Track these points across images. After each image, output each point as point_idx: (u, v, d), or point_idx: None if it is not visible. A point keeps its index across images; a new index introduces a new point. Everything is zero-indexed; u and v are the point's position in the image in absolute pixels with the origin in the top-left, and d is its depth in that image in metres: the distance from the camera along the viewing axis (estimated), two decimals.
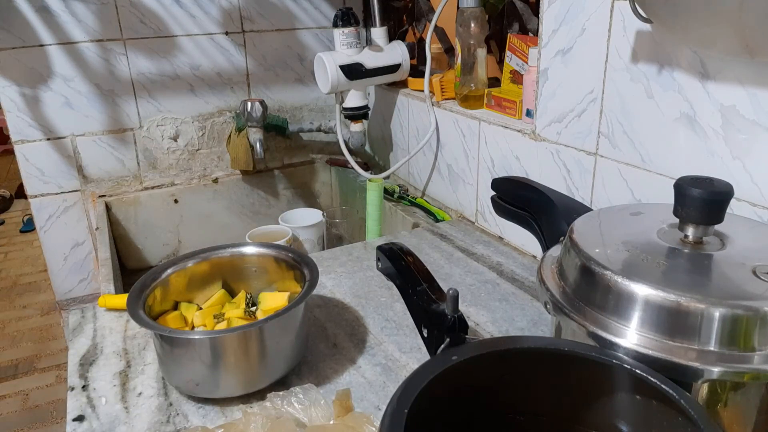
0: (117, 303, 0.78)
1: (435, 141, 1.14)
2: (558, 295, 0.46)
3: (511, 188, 0.67)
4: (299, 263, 0.68)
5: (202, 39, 1.33)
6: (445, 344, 0.43)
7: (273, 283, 0.72)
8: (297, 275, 0.68)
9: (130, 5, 1.24)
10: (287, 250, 0.71)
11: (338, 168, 1.48)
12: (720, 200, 0.44)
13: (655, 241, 0.46)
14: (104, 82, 1.26)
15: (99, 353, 0.70)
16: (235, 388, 0.60)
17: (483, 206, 1.03)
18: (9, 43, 1.16)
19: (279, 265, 0.71)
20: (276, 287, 0.72)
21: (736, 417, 0.41)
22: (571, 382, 0.41)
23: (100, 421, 0.58)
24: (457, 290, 0.45)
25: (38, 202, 1.27)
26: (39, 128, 1.23)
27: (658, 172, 0.69)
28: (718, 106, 0.60)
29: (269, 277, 0.72)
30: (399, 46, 1.20)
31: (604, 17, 0.71)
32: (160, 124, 1.34)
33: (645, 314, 0.41)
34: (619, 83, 0.71)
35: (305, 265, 0.67)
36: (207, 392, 0.60)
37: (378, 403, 0.60)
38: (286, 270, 0.70)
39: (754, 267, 0.42)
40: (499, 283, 0.83)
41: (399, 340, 0.70)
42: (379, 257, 0.60)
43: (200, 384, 0.59)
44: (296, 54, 1.44)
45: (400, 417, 0.33)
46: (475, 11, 1.00)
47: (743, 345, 0.38)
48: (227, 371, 0.59)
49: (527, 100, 0.91)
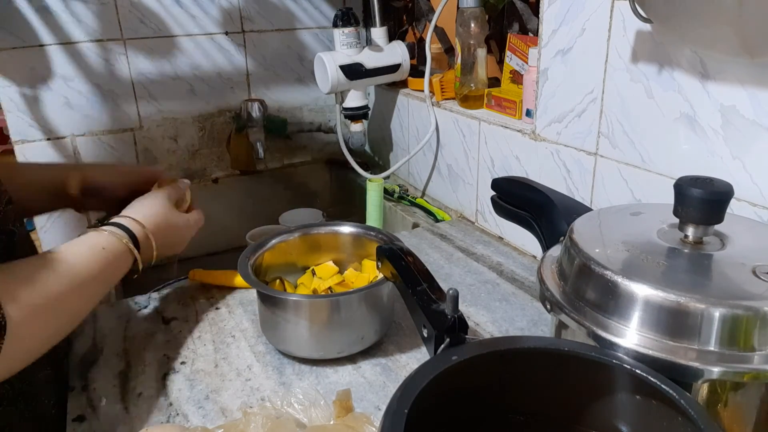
0: (206, 277, 0.84)
1: (435, 141, 1.14)
2: (558, 295, 0.46)
3: (511, 188, 0.67)
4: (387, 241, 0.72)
5: (202, 39, 1.33)
6: (445, 344, 0.43)
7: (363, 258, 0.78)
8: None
9: (130, 5, 1.24)
10: (377, 231, 0.76)
11: (338, 168, 1.48)
12: (720, 200, 0.44)
13: (655, 241, 0.46)
14: (104, 82, 1.26)
15: (99, 353, 0.70)
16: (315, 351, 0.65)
17: (483, 206, 1.03)
18: (9, 43, 1.16)
19: (370, 242, 0.76)
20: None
21: (736, 417, 0.41)
22: (571, 382, 0.41)
23: (100, 421, 0.58)
24: (457, 290, 0.45)
25: None
26: (39, 128, 1.23)
27: (658, 172, 0.69)
28: (718, 106, 0.60)
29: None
30: (399, 46, 1.20)
31: (604, 17, 0.71)
32: (160, 124, 1.34)
33: (645, 314, 0.41)
34: (619, 83, 0.71)
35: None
36: (296, 350, 0.66)
37: (378, 403, 0.60)
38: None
39: (754, 267, 0.42)
40: (499, 283, 0.83)
41: (399, 340, 0.70)
42: (379, 257, 0.60)
43: (292, 341, 0.66)
44: (296, 54, 1.44)
45: (400, 417, 0.33)
46: (475, 11, 1.00)
47: (743, 345, 0.38)
48: (311, 333, 0.65)
49: (527, 100, 0.91)
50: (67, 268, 0.55)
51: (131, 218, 0.65)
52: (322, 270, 0.76)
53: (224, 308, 0.79)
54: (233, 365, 0.67)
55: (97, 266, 0.58)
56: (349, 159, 1.25)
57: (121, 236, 0.62)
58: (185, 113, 1.36)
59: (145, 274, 0.67)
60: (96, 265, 0.58)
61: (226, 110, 1.40)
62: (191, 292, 0.83)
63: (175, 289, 0.85)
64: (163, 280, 1.07)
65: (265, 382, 0.64)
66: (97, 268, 0.58)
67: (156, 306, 0.80)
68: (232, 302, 0.80)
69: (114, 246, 0.61)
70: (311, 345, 0.65)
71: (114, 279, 0.61)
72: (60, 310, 0.54)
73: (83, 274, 0.56)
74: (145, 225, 0.65)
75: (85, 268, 0.56)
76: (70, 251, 0.57)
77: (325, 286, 0.74)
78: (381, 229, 0.77)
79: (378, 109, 1.38)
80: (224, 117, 1.41)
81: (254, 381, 0.64)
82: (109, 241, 0.61)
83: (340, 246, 0.78)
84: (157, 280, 1.07)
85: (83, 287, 0.56)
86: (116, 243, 0.61)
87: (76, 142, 1.26)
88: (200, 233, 0.77)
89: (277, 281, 0.75)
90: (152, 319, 0.76)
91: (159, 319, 0.77)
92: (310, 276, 0.77)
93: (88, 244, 0.59)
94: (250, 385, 0.63)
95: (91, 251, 0.58)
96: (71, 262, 0.56)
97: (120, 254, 0.61)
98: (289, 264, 0.77)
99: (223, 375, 0.65)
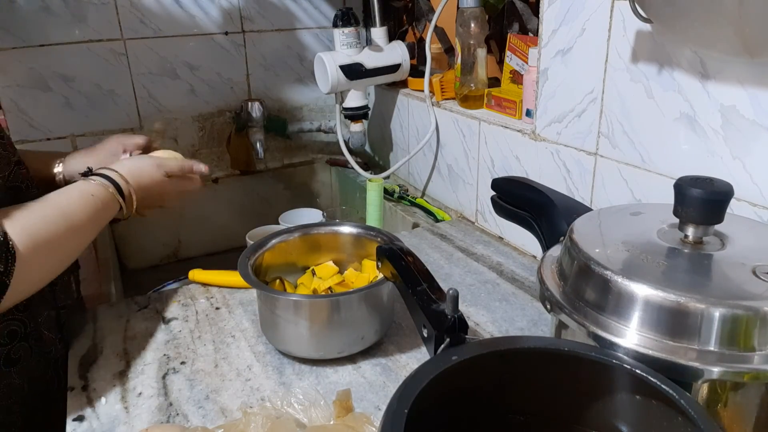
0: (205, 277, 0.85)
1: (435, 141, 1.14)
2: (558, 295, 0.46)
3: (511, 188, 0.67)
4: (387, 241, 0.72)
5: (202, 39, 1.33)
6: (445, 344, 0.43)
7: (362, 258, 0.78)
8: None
9: (130, 5, 1.24)
10: (377, 231, 0.77)
11: (338, 168, 1.48)
12: (720, 200, 0.44)
13: (655, 241, 0.46)
14: (104, 82, 1.26)
15: (99, 353, 0.70)
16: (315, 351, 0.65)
17: (483, 206, 1.03)
18: (9, 43, 1.16)
19: (370, 242, 0.76)
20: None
21: (736, 417, 0.41)
22: (571, 382, 0.41)
23: (100, 421, 0.58)
24: (457, 290, 0.45)
25: None
26: (39, 128, 1.23)
27: (658, 172, 0.69)
28: (718, 106, 0.60)
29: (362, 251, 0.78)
30: (399, 46, 1.20)
31: (604, 17, 0.71)
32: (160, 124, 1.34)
33: (645, 314, 0.41)
34: (619, 83, 0.71)
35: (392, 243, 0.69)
36: (296, 350, 0.67)
37: (378, 403, 0.60)
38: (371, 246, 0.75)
39: (754, 267, 0.42)
40: (499, 283, 0.83)
41: (399, 340, 0.70)
42: (379, 257, 0.60)
43: (292, 341, 0.66)
44: (296, 54, 1.44)
45: (400, 417, 0.33)
46: (475, 11, 1.00)
47: (743, 345, 0.38)
48: (312, 333, 0.65)
49: (527, 100, 0.91)
50: (63, 210, 0.63)
51: (116, 171, 0.72)
52: (322, 270, 0.76)
53: (224, 308, 0.79)
54: (233, 365, 0.67)
55: (87, 210, 0.66)
56: (349, 159, 1.25)
57: (107, 186, 0.70)
58: (185, 113, 1.36)
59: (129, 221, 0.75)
60: (87, 209, 0.66)
61: (226, 110, 1.40)
62: (191, 292, 0.83)
63: (175, 289, 0.85)
64: (163, 280, 1.07)
65: (265, 382, 0.64)
66: (88, 213, 0.66)
67: (156, 306, 0.80)
68: (232, 302, 0.80)
69: (101, 194, 0.68)
70: (311, 345, 0.65)
71: (102, 223, 0.69)
72: (58, 247, 0.62)
73: (76, 216, 0.64)
74: (129, 180, 0.72)
75: (77, 211, 0.64)
76: (64, 197, 0.65)
77: (325, 286, 0.74)
78: (381, 229, 0.77)
79: (378, 109, 1.38)
80: (224, 117, 1.41)
81: (254, 381, 0.64)
82: (97, 189, 0.68)
83: (340, 246, 0.78)
84: (157, 280, 1.08)
85: (77, 228, 0.64)
86: (103, 191, 0.69)
87: (76, 142, 1.26)
88: (200, 233, 0.78)
89: (277, 281, 0.75)
90: (152, 319, 0.76)
91: (159, 319, 0.77)
92: (310, 276, 0.77)
93: (79, 191, 0.67)
94: (250, 385, 0.63)
95: (82, 197, 0.66)
96: (65, 206, 0.64)
97: (108, 201, 0.69)
98: (289, 264, 0.77)
99: (223, 375, 0.65)
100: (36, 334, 0.67)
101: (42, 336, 0.68)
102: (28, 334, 0.66)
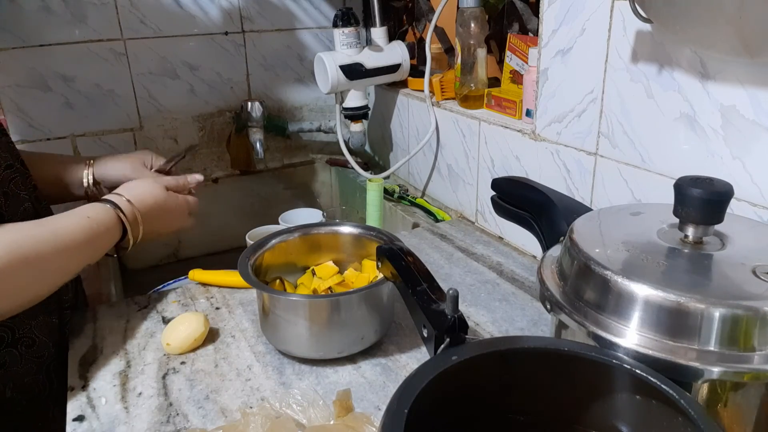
0: (205, 277, 0.85)
1: (435, 141, 1.14)
2: (558, 295, 0.46)
3: (511, 188, 0.67)
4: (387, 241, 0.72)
5: (202, 39, 1.33)
6: (445, 344, 0.43)
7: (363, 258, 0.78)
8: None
9: (130, 5, 1.24)
10: (377, 231, 0.76)
11: (338, 168, 1.48)
12: (720, 200, 0.44)
13: (655, 241, 0.46)
14: (104, 82, 1.26)
15: (99, 353, 0.70)
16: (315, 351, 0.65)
17: (483, 206, 1.03)
18: (9, 43, 1.16)
19: (370, 242, 0.76)
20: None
21: (736, 417, 0.41)
22: (571, 382, 0.41)
23: (100, 421, 0.58)
24: (457, 290, 0.45)
25: None
26: (39, 128, 1.23)
27: (658, 172, 0.69)
28: (718, 106, 0.60)
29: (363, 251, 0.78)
30: (399, 46, 1.20)
31: (604, 17, 0.71)
32: (160, 124, 1.34)
33: (645, 314, 0.41)
34: (619, 83, 0.71)
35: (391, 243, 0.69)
36: (296, 350, 0.67)
37: (378, 403, 0.60)
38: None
39: (754, 267, 0.42)
40: (499, 283, 0.83)
41: (399, 340, 0.70)
42: (379, 257, 0.60)
43: (292, 341, 0.66)
44: (296, 54, 1.44)
45: (400, 417, 0.33)
46: (475, 11, 1.00)
47: (743, 345, 0.38)
48: (312, 333, 0.65)
49: (527, 100, 0.91)
50: (55, 231, 0.62)
51: (121, 195, 0.72)
52: (322, 270, 0.76)
53: (224, 308, 0.79)
54: (233, 365, 0.67)
55: (83, 232, 0.65)
56: (349, 159, 1.25)
57: (109, 209, 0.69)
58: (185, 113, 1.36)
59: (136, 251, 0.74)
60: (81, 231, 0.65)
61: (226, 110, 1.40)
62: (191, 292, 0.83)
63: (175, 289, 0.85)
64: (163, 280, 1.07)
65: (265, 382, 0.64)
66: (84, 234, 0.65)
67: (156, 306, 0.80)
68: (232, 302, 0.80)
69: (100, 216, 0.68)
70: (311, 345, 0.65)
71: (101, 246, 0.68)
72: (42, 267, 0.61)
73: (68, 237, 0.63)
74: (134, 203, 0.72)
75: (70, 232, 0.63)
76: (61, 218, 0.65)
77: (325, 286, 0.74)
78: (381, 229, 0.77)
79: (378, 109, 1.38)
80: (224, 117, 1.41)
81: (254, 381, 0.64)
82: (95, 211, 0.68)
83: (340, 246, 0.78)
84: (157, 280, 1.07)
85: (68, 250, 0.63)
86: (102, 214, 0.68)
87: (76, 142, 1.26)
88: (200, 233, 0.78)
89: (277, 281, 0.75)
90: (152, 319, 0.76)
91: (159, 319, 0.77)
92: (310, 276, 0.77)
93: (75, 214, 0.66)
94: (250, 385, 0.63)
95: (76, 219, 0.65)
96: (60, 227, 0.63)
97: (108, 224, 0.68)
98: (289, 264, 0.77)
99: (223, 375, 0.65)
100: (27, 340, 0.67)
101: (35, 341, 0.68)
102: (16, 341, 0.66)
